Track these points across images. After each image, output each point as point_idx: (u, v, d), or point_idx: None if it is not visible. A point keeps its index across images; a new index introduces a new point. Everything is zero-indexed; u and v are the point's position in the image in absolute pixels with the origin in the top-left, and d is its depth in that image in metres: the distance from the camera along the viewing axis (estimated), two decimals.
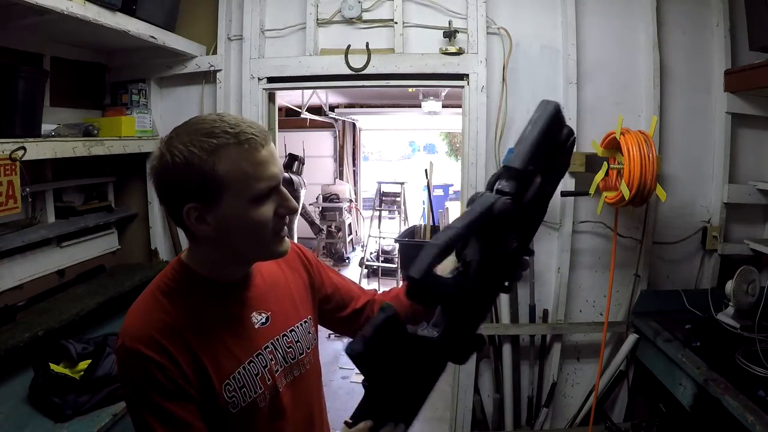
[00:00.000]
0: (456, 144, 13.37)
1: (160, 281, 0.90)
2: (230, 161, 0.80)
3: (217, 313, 0.90)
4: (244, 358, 0.90)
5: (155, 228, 2.66)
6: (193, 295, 0.89)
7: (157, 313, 0.86)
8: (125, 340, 0.84)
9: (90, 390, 1.56)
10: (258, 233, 0.86)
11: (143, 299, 0.90)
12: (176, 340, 0.83)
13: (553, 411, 2.57)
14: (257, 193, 0.83)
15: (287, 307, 1.01)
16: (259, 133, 0.83)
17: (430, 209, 4.91)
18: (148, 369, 0.81)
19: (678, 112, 2.44)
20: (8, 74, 1.75)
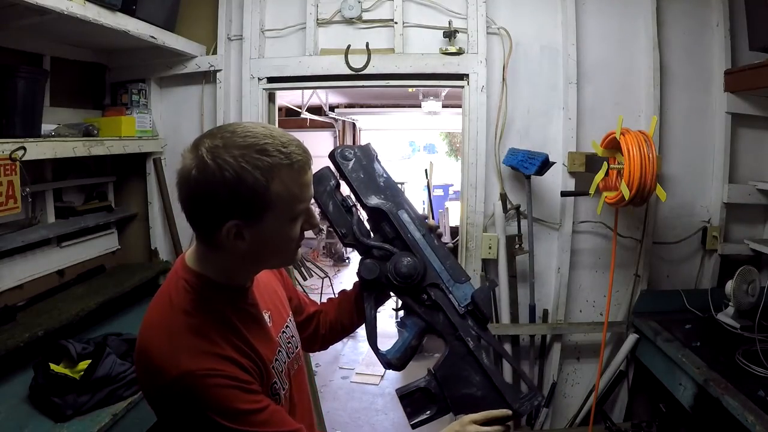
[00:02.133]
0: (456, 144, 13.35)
1: (184, 298, 0.84)
2: (282, 183, 0.79)
3: (243, 316, 0.89)
4: (271, 356, 0.91)
5: (155, 228, 2.66)
6: (220, 303, 0.86)
7: (203, 330, 0.81)
8: (182, 366, 0.76)
9: (90, 390, 1.55)
10: (287, 247, 0.88)
11: (176, 323, 0.82)
12: (232, 348, 0.82)
13: (553, 411, 2.57)
14: (297, 214, 0.84)
15: (278, 305, 1.04)
16: (305, 155, 0.83)
17: (430, 209, 4.90)
18: (223, 381, 0.77)
19: (678, 112, 2.44)
20: (8, 74, 1.75)
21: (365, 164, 1.08)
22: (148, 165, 2.61)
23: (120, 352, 1.76)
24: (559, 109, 2.45)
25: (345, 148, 1.09)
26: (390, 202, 1.05)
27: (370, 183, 1.07)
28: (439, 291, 1.02)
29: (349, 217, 1.04)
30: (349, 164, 1.07)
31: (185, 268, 0.88)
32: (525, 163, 2.26)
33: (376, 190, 1.06)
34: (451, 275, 1.03)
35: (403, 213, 1.04)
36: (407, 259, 1.01)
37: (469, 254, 2.48)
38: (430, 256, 1.02)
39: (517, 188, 2.49)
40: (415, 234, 1.03)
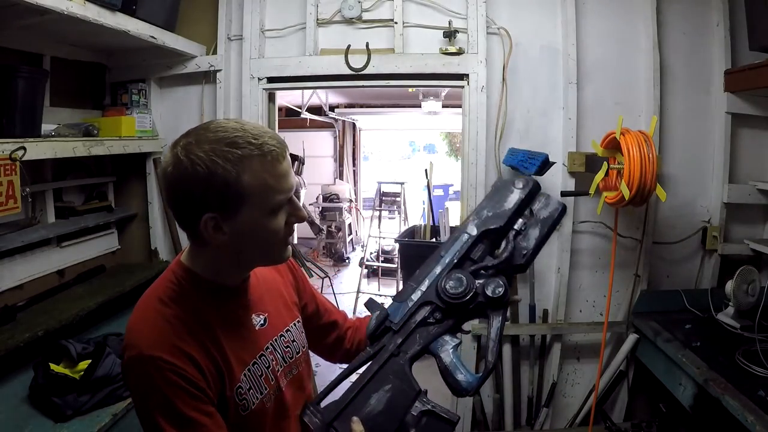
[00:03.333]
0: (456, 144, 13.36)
1: (165, 288, 0.88)
2: (253, 173, 0.80)
3: (223, 316, 0.89)
4: (249, 360, 0.90)
5: (155, 228, 2.66)
6: (200, 300, 0.88)
7: (172, 320, 0.83)
8: (142, 349, 0.80)
9: (90, 390, 1.56)
10: (270, 241, 0.87)
11: (150, 308, 0.86)
12: (196, 345, 0.82)
13: (553, 411, 2.57)
14: (276, 205, 0.84)
15: (281, 307, 1.03)
16: (280, 145, 0.83)
17: (430, 209, 4.90)
18: (171, 376, 0.78)
19: (678, 112, 2.44)
20: (8, 74, 1.75)
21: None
22: (148, 165, 2.61)
23: (120, 352, 1.76)
24: (559, 109, 2.45)
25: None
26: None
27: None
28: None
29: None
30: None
31: (178, 263, 0.91)
32: (525, 163, 2.26)
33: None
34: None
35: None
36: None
37: None
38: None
39: None
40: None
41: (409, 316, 0.94)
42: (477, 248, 0.96)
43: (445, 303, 0.92)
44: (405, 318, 0.94)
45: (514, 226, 0.97)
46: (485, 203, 1.00)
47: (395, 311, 0.95)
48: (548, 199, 1.01)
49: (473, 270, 0.94)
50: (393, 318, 0.94)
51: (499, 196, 0.99)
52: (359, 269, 5.81)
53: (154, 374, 0.78)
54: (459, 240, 0.97)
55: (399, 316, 0.94)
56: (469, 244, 0.96)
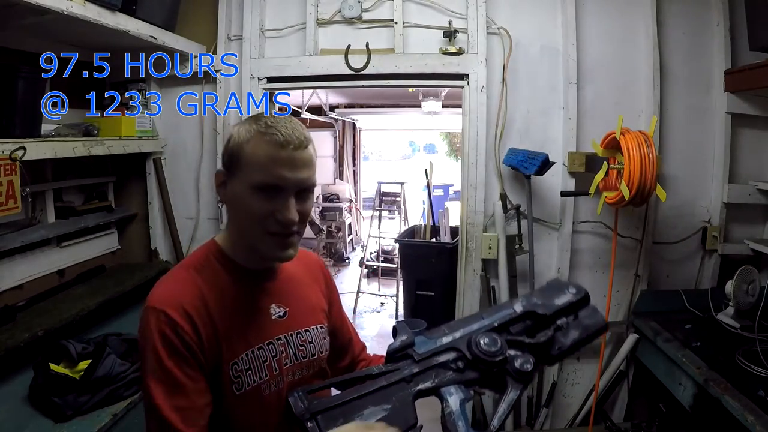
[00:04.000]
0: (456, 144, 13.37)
1: (194, 258, 0.98)
2: (254, 146, 0.89)
3: (240, 295, 0.95)
4: (254, 342, 0.94)
5: (155, 228, 2.66)
6: (221, 274, 0.95)
7: (189, 285, 0.91)
8: (154, 302, 0.88)
9: (90, 390, 1.56)
10: (250, 222, 0.91)
11: (176, 271, 0.96)
12: (202, 312, 0.89)
13: (553, 411, 2.56)
14: (257, 183, 0.88)
15: (306, 308, 1.06)
16: (293, 138, 0.88)
17: (430, 209, 4.91)
18: (168, 330, 0.85)
19: (678, 112, 2.44)
20: (8, 74, 1.75)
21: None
22: (148, 165, 2.61)
23: (120, 352, 1.76)
24: (559, 109, 2.45)
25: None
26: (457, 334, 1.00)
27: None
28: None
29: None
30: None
31: (212, 239, 1.01)
32: (525, 163, 2.26)
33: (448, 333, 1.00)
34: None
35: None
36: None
37: (469, 254, 2.48)
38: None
39: (517, 188, 2.49)
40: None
41: (434, 353, 0.95)
42: (517, 324, 0.98)
43: (473, 356, 0.92)
44: (428, 354, 0.95)
45: (557, 321, 0.99)
46: (536, 293, 1.03)
47: (421, 344, 0.96)
48: (595, 312, 1.03)
49: (508, 340, 0.95)
50: (417, 348, 0.95)
51: (551, 293, 1.02)
52: (359, 269, 5.82)
53: (153, 325, 0.85)
54: (502, 310, 0.99)
55: (423, 349, 0.95)
56: (512, 317, 0.98)
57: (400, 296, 4.78)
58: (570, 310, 1.01)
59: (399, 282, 4.88)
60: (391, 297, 5.24)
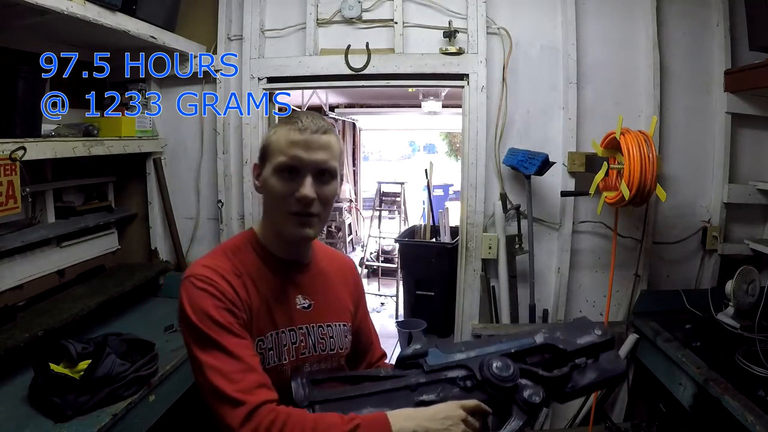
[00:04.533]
0: (456, 144, 13.36)
1: (231, 242, 1.07)
2: (277, 136, 0.99)
3: (270, 281, 1.02)
4: (277, 326, 1.01)
5: (155, 228, 2.66)
6: (255, 259, 1.03)
7: (225, 261, 0.99)
8: (194, 271, 0.94)
9: (90, 390, 1.55)
10: (273, 202, 1.00)
11: (214, 252, 1.03)
12: (239, 281, 0.96)
13: (553, 411, 2.56)
14: (277, 164, 0.97)
15: (331, 305, 1.11)
16: (310, 124, 0.98)
17: (430, 209, 4.91)
18: (211, 288, 0.91)
19: (678, 112, 2.44)
20: (8, 74, 1.75)
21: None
22: (148, 165, 2.61)
23: (120, 352, 1.75)
24: (559, 109, 2.45)
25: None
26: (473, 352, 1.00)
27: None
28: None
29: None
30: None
31: (250, 229, 1.09)
32: (525, 163, 2.26)
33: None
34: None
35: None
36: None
37: (469, 254, 2.48)
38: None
39: (517, 188, 2.49)
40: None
41: (444, 367, 0.95)
42: (535, 355, 0.98)
43: (483, 377, 0.92)
44: (438, 367, 0.95)
45: (576, 359, 0.98)
46: (560, 327, 1.03)
47: (434, 356, 0.97)
48: (616, 358, 1.03)
49: (522, 368, 0.94)
50: (429, 360, 0.96)
51: (576, 331, 1.01)
52: (359, 269, 5.82)
53: (194, 285, 0.92)
54: (522, 339, 0.99)
55: (435, 362, 0.96)
56: (530, 346, 0.98)
57: (400, 296, 4.78)
58: (591, 351, 0.99)
59: (399, 282, 4.88)
60: (391, 297, 5.24)
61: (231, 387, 0.82)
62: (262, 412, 0.80)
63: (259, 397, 0.82)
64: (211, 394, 0.83)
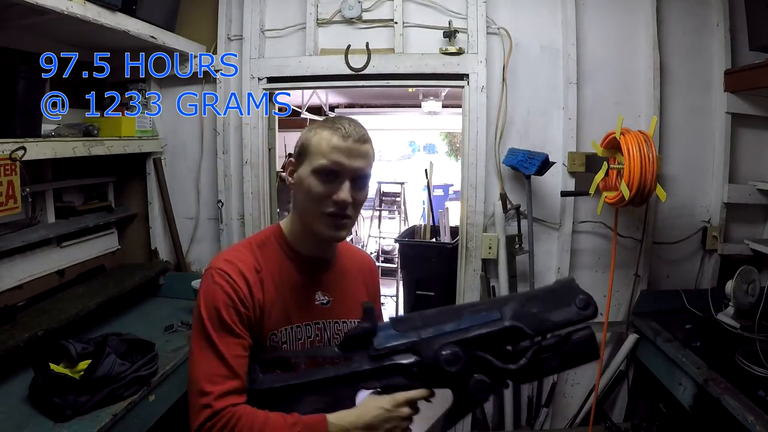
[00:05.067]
0: (456, 144, 13.34)
1: (258, 236, 1.12)
2: (319, 138, 1.03)
3: (291, 276, 1.07)
4: (294, 321, 1.05)
5: (155, 228, 2.66)
6: (279, 254, 1.08)
7: (248, 255, 1.04)
8: (217, 263, 1.01)
9: (90, 390, 1.55)
10: (308, 202, 1.03)
11: (238, 245, 1.09)
12: (256, 279, 1.01)
13: (553, 411, 2.56)
14: (317, 167, 1.01)
15: (349, 302, 1.14)
16: (353, 132, 1.02)
17: (430, 209, 4.90)
18: (226, 285, 0.97)
19: (678, 112, 2.44)
20: (8, 74, 1.75)
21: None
22: (148, 165, 2.61)
23: (120, 352, 1.75)
24: (559, 109, 2.45)
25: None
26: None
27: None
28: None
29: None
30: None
31: (277, 224, 1.13)
32: (525, 163, 2.26)
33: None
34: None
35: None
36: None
37: (469, 254, 2.48)
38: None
39: (517, 188, 2.49)
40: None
41: (391, 352, 0.92)
42: (498, 337, 0.91)
43: (429, 365, 0.89)
44: (385, 351, 0.92)
45: (544, 338, 0.92)
46: (539, 298, 0.94)
47: (383, 339, 0.93)
48: (591, 339, 0.93)
49: (477, 356, 0.90)
50: (377, 341, 0.92)
51: (557, 302, 0.92)
52: None
53: (216, 279, 0.98)
54: (488, 321, 0.91)
55: (383, 345, 0.92)
56: (494, 331, 0.90)
57: (400, 296, 4.78)
58: (567, 325, 0.92)
59: (399, 282, 4.88)
60: (391, 297, 5.24)
61: (209, 387, 0.91)
62: (221, 414, 0.89)
63: (225, 403, 0.90)
64: (192, 385, 0.93)
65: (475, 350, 0.90)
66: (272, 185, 2.67)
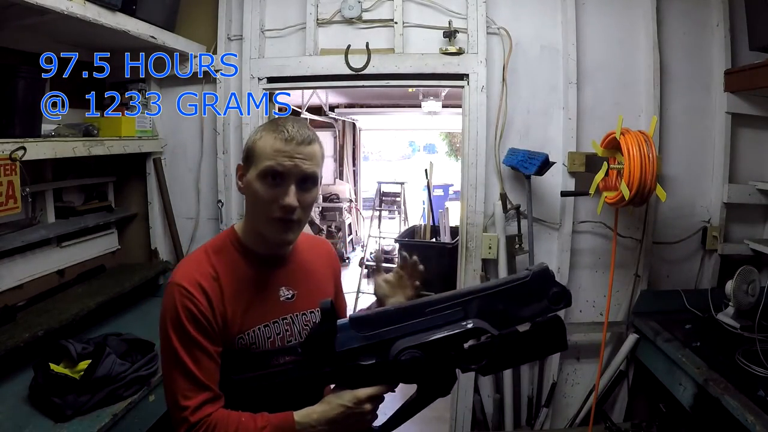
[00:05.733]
0: (456, 144, 13.36)
1: (214, 242, 1.11)
2: (263, 141, 1.03)
3: (252, 277, 1.07)
4: (260, 321, 1.06)
5: (155, 228, 2.66)
6: (236, 257, 1.08)
7: (205, 264, 1.05)
8: (175, 278, 1.01)
9: (90, 390, 1.55)
10: (256, 206, 1.04)
11: (196, 253, 1.09)
12: (214, 287, 1.02)
13: (553, 411, 2.57)
14: (262, 169, 1.01)
15: (314, 292, 1.15)
16: (296, 134, 1.02)
17: (430, 209, 4.91)
18: (186, 301, 0.98)
19: (678, 112, 2.44)
20: (8, 74, 1.75)
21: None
22: (148, 165, 2.61)
23: (120, 352, 1.75)
24: (559, 109, 2.45)
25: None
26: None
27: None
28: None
29: None
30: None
31: (232, 227, 1.14)
32: (525, 163, 2.26)
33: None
34: None
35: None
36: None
37: (469, 254, 2.48)
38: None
39: (517, 188, 2.49)
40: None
41: (352, 355, 0.91)
42: (460, 338, 0.90)
43: (390, 364, 0.89)
44: (346, 355, 0.91)
45: (511, 329, 0.90)
46: (509, 292, 0.90)
47: (344, 340, 0.91)
48: (558, 330, 0.91)
49: (438, 358, 0.89)
50: (338, 344, 0.91)
51: (527, 296, 0.89)
52: (359, 269, 5.81)
53: (176, 296, 0.99)
54: (451, 321, 0.90)
55: (344, 347, 0.91)
56: (455, 333, 0.88)
57: None
58: (534, 318, 0.91)
59: None
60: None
61: (184, 402, 0.95)
62: (198, 426, 0.94)
63: (200, 415, 0.94)
64: (168, 399, 0.99)
65: (437, 351, 0.89)
66: None
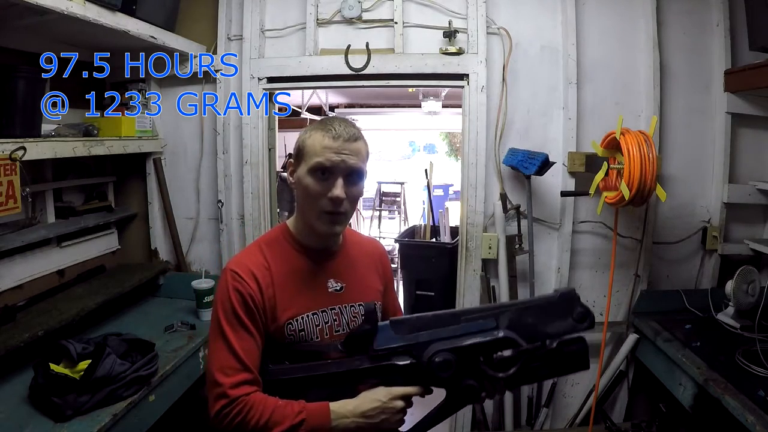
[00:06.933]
0: (456, 144, 13.35)
1: (266, 236, 1.23)
2: (313, 139, 1.12)
3: (301, 268, 1.17)
4: (309, 308, 1.14)
5: (155, 228, 2.66)
6: (288, 250, 1.18)
7: (257, 255, 1.15)
8: (229, 265, 1.12)
9: (90, 390, 1.55)
10: (306, 201, 1.13)
11: (249, 246, 1.20)
12: (266, 275, 1.11)
13: (553, 411, 2.57)
14: (312, 165, 1.10)
15: (363, 286, 1.24)
16: (343, 132, 1.10)
17: (430, 209, 4.90)
18: (237, 284, 1.08)
19: (678, 112, 2.44)
20: (8, 74, 1.75)
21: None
22: (148, 165, 2.61)
23: (120, 352, 1.75)
24: (559, 109, 2.45)
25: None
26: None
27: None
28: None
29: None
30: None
31: (284, 223, 1.23)
32: (525, 163, 2.26)
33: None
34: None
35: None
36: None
37: (469, 254, 2.48)
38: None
39: (517, 188, 2.49)
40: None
41: (389, 353, 0.99)
42: (491, 346, 0.96)
43: (423, 368, 0.96)
44: (384, 352, 0.99)
45: (536, 347, 0.96)
46: (537, 308, 0.96)
47: (383, 340, 1.00)
48: (582, 350, 0.96)
49: (467, 362, 0.95)
50: (377, 341, 1.00)
51: (554, 314, 0.95)
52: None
53: (228, 280, 1.10)
54: (484, 330, 0.96)
55: (381, 346, 1.00)
56: (488, 341, 0.95)
57: (400, 296, 4.79)
58: (561, 335, 0.96)
59: (399, 282, 4.88)
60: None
61: (223, 379, 1.02)
62: (236, 402, 1.00)
63: (239, 392, 1.00)
64: (209, 376, 1.05)
65: (468, 357, 0.95)
66: (272, 185, 2.67)
